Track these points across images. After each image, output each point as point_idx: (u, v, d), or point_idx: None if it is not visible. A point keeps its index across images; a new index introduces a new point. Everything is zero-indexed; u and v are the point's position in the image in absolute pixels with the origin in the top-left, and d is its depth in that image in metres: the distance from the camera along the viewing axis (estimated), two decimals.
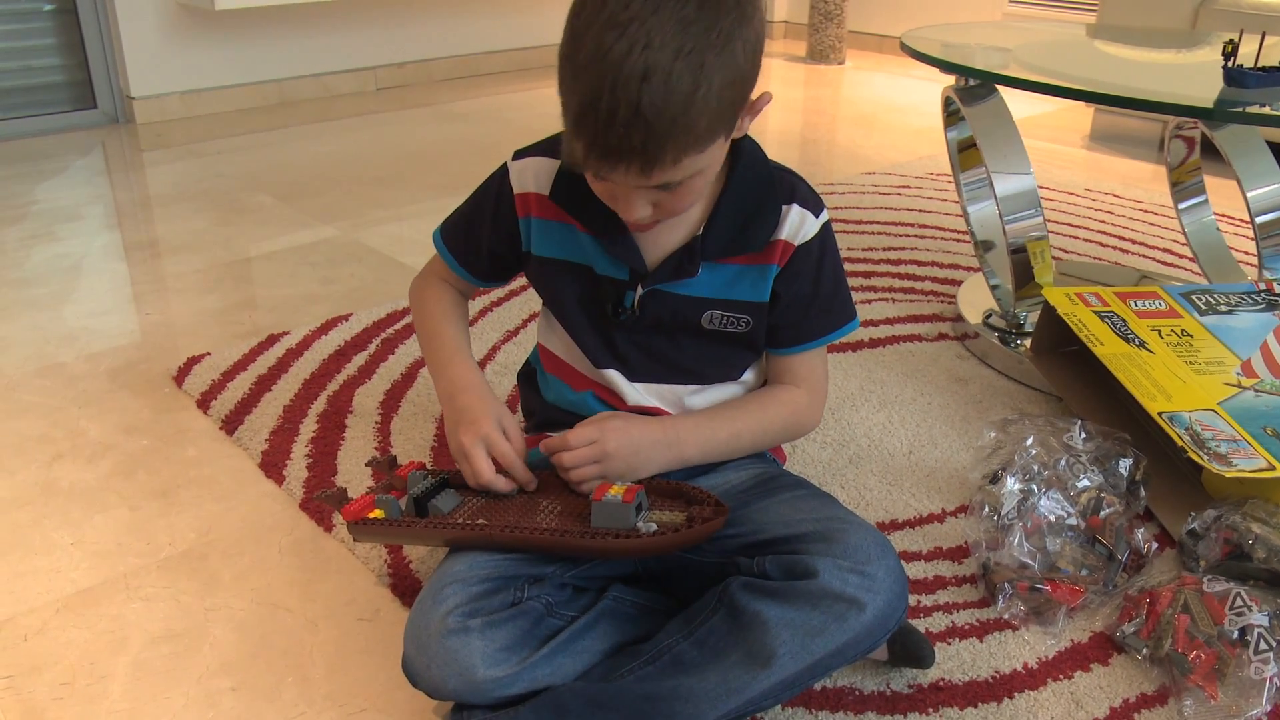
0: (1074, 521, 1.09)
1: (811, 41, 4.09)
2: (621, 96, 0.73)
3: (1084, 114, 3.20)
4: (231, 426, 1.39)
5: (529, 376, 1.13)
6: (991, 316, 1.67)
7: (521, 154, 1.01)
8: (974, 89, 1.60)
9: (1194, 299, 1.43)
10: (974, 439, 1.36)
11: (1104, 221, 2.27)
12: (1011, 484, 1.11)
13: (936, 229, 2.19)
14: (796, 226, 0.96)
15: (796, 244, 0.96)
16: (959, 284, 1.86)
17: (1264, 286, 1.48)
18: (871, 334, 1.69)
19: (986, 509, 1.11)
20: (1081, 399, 1.38)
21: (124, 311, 1.77)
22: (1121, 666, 0.99)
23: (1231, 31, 1.54)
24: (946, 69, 1.56)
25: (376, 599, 1.08)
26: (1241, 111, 1.42)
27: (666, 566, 0.97)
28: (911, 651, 0.95)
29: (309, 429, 1.38)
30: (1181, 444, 1.13)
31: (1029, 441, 1.15)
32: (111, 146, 2.82)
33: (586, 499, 0.92)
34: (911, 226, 2.20)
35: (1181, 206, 1.91)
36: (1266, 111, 1.37)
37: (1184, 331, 1.37)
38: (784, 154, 2.84)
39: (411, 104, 3.32)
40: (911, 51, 1.61)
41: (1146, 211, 2.34)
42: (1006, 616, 1.05)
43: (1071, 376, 1.42)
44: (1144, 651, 0.99)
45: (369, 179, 2.53)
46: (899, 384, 1.54)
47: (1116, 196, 2.45)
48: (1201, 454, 1.11)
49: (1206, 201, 1.90)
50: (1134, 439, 1.19)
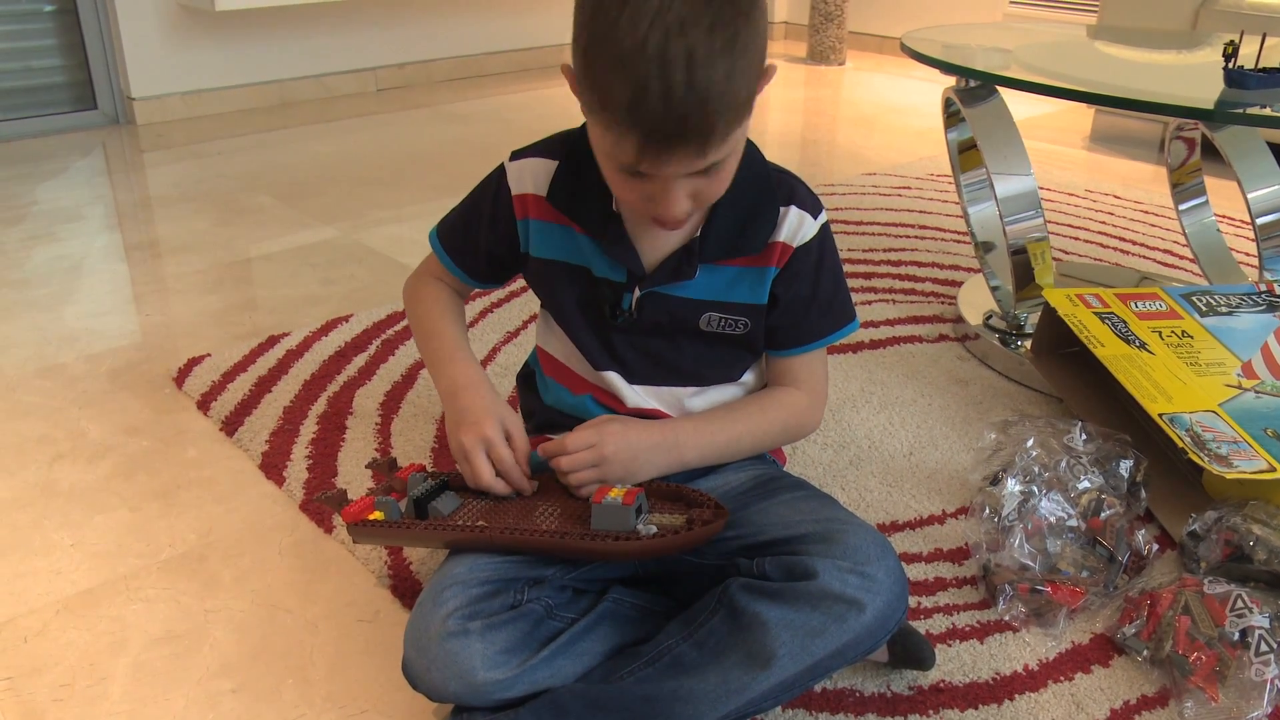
0: (1074, 523, 1.09)
1: (812, 42, 4.09)
2: (673, 79, 0.74)
3: (1084, 115, 3.19)
4: (232, 427, 1.39)
5: (528, 379, 1.13)
6: (992, 318, 1.67)
7: (518, 155, 1.00)
8: (974, 90, 1.60)
9: (1194, 300, 1.43)
10: (974, 440, 1.36)
11: (1104, 223, 2.27)
12: (1012, 485, 1.11)
13: (937, 230, 2.19)
14: (795, 228, 0.96)
15: (795, 245, 0.96)
16: (959, 285, 1.86)
17: (1264, 288, 1.48)
18: (872, 335, 1.69)
19: (987, 510, 1.11)
20: (1082, 400, 1.38)
21: (124, 312, 1.77)
22: (1122, 668, 0.99)
23: (1232, 32, 1.54)
24: (947, 70, 1.56)
25: (377, 600, 1.08)
26: (1242, 113, 1.42)
27: (666, 568, 0.97)
28: (912, 653, 0.95)
29: (309, 430, 1.38)
30: (1182, 445, 1.13)
31: (1029, 443, 1.15)
32: (112, 147, 2.82)
33: (586, 502, 0.92)
34: (912, 228, 2.20)
35: (1182, 208, 1.91)
36: (1267, 113, 1.37)
37: (1184, 333, 1.37)
38: (784, 155, 2.84)
39: (412, 105, 3.32)
40: (912, 53, 1.61)
41: (1147, 213, 2.34)
42: (1007, 618, 1.05)
43: (1072, 378, 1.42)
44: (1145, 653, 0.99)
45: (369, 180, 2.53)
46: (899, 385, 1.53)
47: (1117, 198, 2.45)
48: (1202, 455, 1.11)
49: (1207, 203, 1.90)
50: (1134, 440, 1.19)
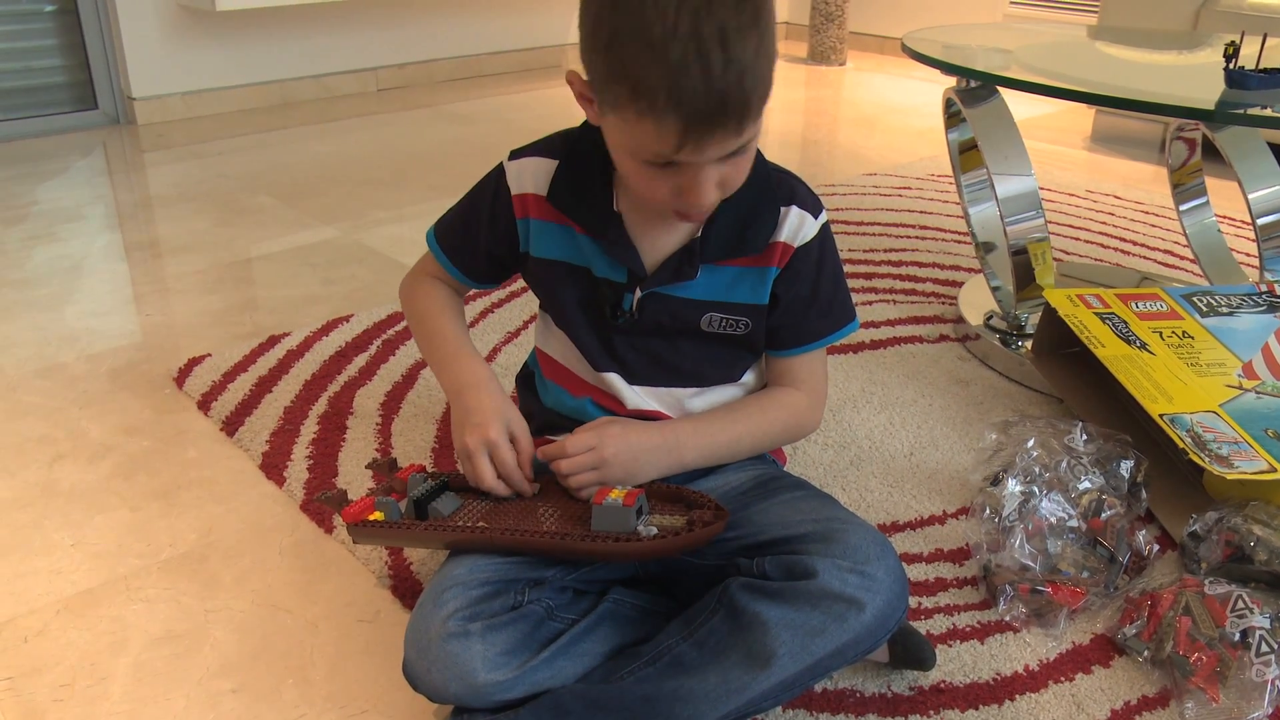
0: (1075, 523, 1.09)
1: (812, 43, 4.09)
2: (711, 57, 0.75)
3: (1085, 115, 3.19)
4: (232, 428, 1.39)
5: (527, 380, 1.13)
6: (993, 318, 1.67)
7: (518, 154, 1.00)
8: (975, 90, 1.60)
9: (1195, 301, 1.43)
10: (975, 441, 1.36)
11: (1105, 223, 2.27)
12: (1012, 486, 1.11)
13: (938, 230, 2.19)
14: (796, 228, 0.96)
15: (796, 246, 0.96)
16: (960, 285, 1.86)
17: (1265, 288, 1.48)
18: (872, 335, 1.69)
19: (988, 511, 1.11)
20: (1082, 401, 1.38)
21: (125, 312, 1.77)
22: (1123, 669, 0.99)
23: (1233, 33, 1.54)
24: (948, 70, 1.56)
25: (377, 601, 1.07)
26: (1243, 113, 1.42)
27: (667, 569, 0.97)
28: (913, 653, 0.95)
29: (309, 430, 1.38)
30: (1183, 446, 1.13)
31: (1030, 443, 1.15)
32: (112, 147, 2.82)
33: (587, 503, 0.92)
34: (913, 228, 2.20)
35: (1183, 208, 1.91)
36: (1268, 113, 1.37)
37: (1185, 333, 1.37)
38: (785, 155, 2.84)
39: (413, 105, 3.32)
40: (912, 53, 1.61)
41: (1147, 213, 2.34)
42: (1008, 618, 1.05)
43: (1072, 378, 1.42)
44: (1145, 654, 0.99)
45: (370, 180, 2.53)
46: (900, 385, 1.53)
47: (1117, 198, 2.45)
48: (1203, 456, 1.11)
49: (1208, 203, 1.90)
50: (1135, 441, 1.19)
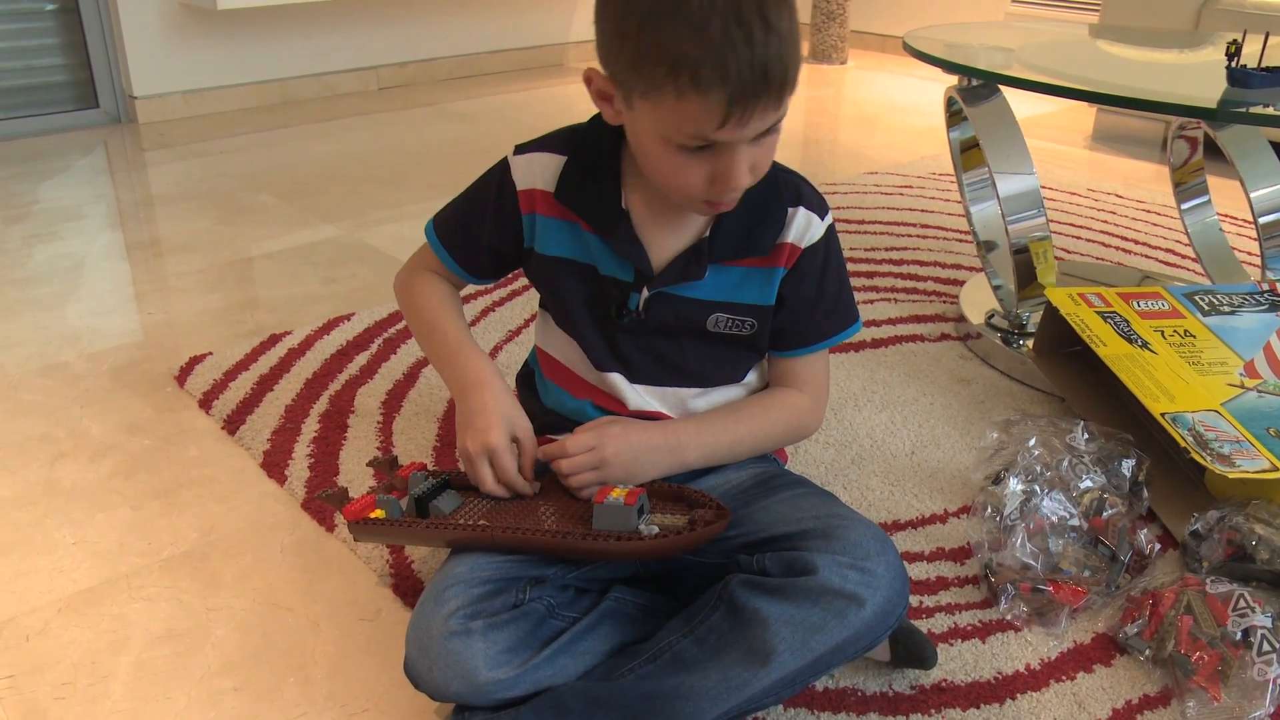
0: (1076, 522, 1.09)
1: (814, 41, 4.09)
2: (752, 28, 0.76)
3: (1087, 114, 3.19)
4: (233, 426, 1.39)
5: (527, 379, 1.13)
6: (994, 317, 1.66)
7: (523, 149, 0.99)
8: (976, 89, 1.60)
9: (1197, 299, 1.43)
10: (976, 439, 1.36)
11: (1106, 222, 2.27)
12: (1014, 485, 1.11)
13: (939, 229, 2.18)
14: (803, 229, 0.96)
15: (803, 246, 0.96)
16: (961, 284, 1.86)
17: (1267, 287, 1.48)
18: (874, 334, 1.69)
19: (989, 510, 1.11)
20: (1084, 399, 1.38)
21: (126, 311, 1.77)
22: (1124, 668, 0.99)
23: (1235, 32, 1.54)
24: (949, 69, 1.56)
25: (378, 599, 1.07)
26: (1245, 112, 1.42)
27: (668, 568, 0.97)
28: (914, 652, 0.95)
29: (311, 429, 1.38)
30: (1184, 445, 1.13)
31: (1031, 442, 1.15)
32: (113, 146, 2.82)
33: (588, 502, 0.92)
34: (914, 226, 2.20)
35: (1184, 207, 1.91)
36: (1270, 112, 1.37)
37: (1187, 332, 1.36)
38: (786, 154, 2.84)
39: (413, 104, 3.32)
40: (914, 51, 1.61)
41: (1149, 212, 2.34)
42: (1009, 617, 1.05)
43: (1074, 377, 1.42)
44: (1147, 653, 0.99)
45: (371, 178, 2.53)
46: (901, 384, 1.53)
47: (1119, 197, 2.45)
48: (1204, 455, 1.11)
49: (1209, 202, 1.90)
50: (1136, 440, 1.19)
